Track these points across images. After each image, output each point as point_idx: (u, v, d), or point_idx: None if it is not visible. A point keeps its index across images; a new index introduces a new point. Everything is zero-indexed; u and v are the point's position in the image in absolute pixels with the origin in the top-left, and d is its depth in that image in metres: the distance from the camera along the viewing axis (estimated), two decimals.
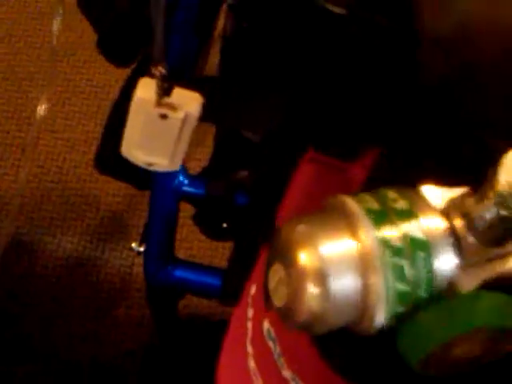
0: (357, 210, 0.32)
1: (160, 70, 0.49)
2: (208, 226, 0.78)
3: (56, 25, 0.76)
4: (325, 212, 0.33)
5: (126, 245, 1.20)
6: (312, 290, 0.31)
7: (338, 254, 0.31)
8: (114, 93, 0.92)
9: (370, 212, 0.32)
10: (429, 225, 0.32)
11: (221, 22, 0.68)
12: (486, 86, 0.39)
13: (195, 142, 0.61)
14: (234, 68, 0.62)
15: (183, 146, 0.56)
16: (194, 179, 0.75)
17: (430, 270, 0.31)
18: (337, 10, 0.44)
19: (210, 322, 1.02)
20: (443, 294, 0.32)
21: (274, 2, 0.49)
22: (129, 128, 0.54)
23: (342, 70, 0.44)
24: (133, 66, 0.70)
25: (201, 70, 0.74)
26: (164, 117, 0.53)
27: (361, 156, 0.44)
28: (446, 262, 0.32)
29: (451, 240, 0.32)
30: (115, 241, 1.21)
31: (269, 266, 0.34)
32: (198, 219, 0.79)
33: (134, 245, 0.78)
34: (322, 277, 0.31)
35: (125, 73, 0.71)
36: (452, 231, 0.32)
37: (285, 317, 0.33)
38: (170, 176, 0.73)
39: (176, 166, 0.58)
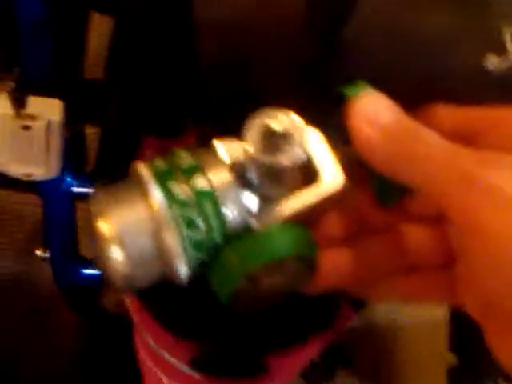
0: (144, 171, 0.34)
1: (7, 84, 0.53)
2: None
3: None
4: (124, 181, 0.35)
5: None
6: (114, 255, 0.33)
7: (131, 218, 0.33)
8: None
9: (157, 172, 0.34)
10: (215, 177, 0.34)
11: None
12: (262, 58, 0.44)
13: None
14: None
15: (56, 151, 0.59)
16: (83, 179, 0.76)
17: (220, 217, 0.34)
18: None
19: None
20: (241, 235, 0.34)
21: None
22: None
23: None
24: None
25: (81, 73, 0.76)
26: (27, 128, 0.56)
27: (186, 135, 0.48)
28: (235, 209, 0.34)
29: (237, 189, 0.34)
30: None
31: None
32: None
33: (38, 252, 0.80)
34: (120, 243, 0.33)
35: None
36: (239, 180, 0.35)
37: (108, 282, 0.34)
38: (55, 181, 0.71)
39: (53, 173, 0.61)
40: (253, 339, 0.43)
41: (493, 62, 0.43)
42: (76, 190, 0.76)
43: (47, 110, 0.57)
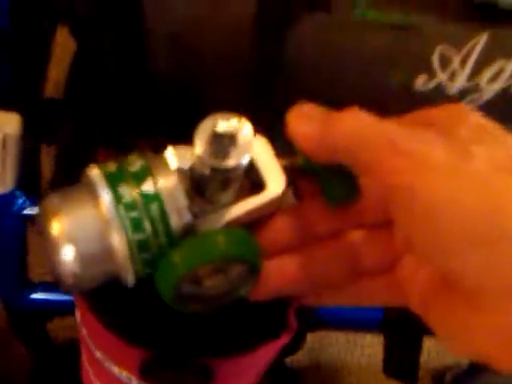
0: (95, 173, 0.35)
1: None
2: None
3: None
4: (76, 184, 0.36)
5: None
6: (64, 253, 0.34)
7: (81, 218, 0.34)
8: None
9: (106, 174, 0.35)
10: (162, 180, 0.35)
11: None
12: (212, 71, 0.47)
13: None
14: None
15: (12, 166, 0.60)
16: (35, 200, 0.73)
17: (166, 220, 0.35)
18: None
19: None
20: (185, 237, 0.35)
21: None
22: None
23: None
24: None
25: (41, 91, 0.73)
26: None
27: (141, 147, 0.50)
28: (180, 212, 0.35)
29: (184, 192, 0.35)
30: None
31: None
32: None
33: None
34: (70, 242, 0.34)
35: None
36: (186, 184, 0.36)
37: (57, 282, 0.35)
38: (6, 202, 0.72)
39: (8, 187, 0.62)
40: (199, 343, 0.44)
41: (421, 82, 0.46)
42: (28, 211, 0.75)
43: (5, 124, 0.57)
